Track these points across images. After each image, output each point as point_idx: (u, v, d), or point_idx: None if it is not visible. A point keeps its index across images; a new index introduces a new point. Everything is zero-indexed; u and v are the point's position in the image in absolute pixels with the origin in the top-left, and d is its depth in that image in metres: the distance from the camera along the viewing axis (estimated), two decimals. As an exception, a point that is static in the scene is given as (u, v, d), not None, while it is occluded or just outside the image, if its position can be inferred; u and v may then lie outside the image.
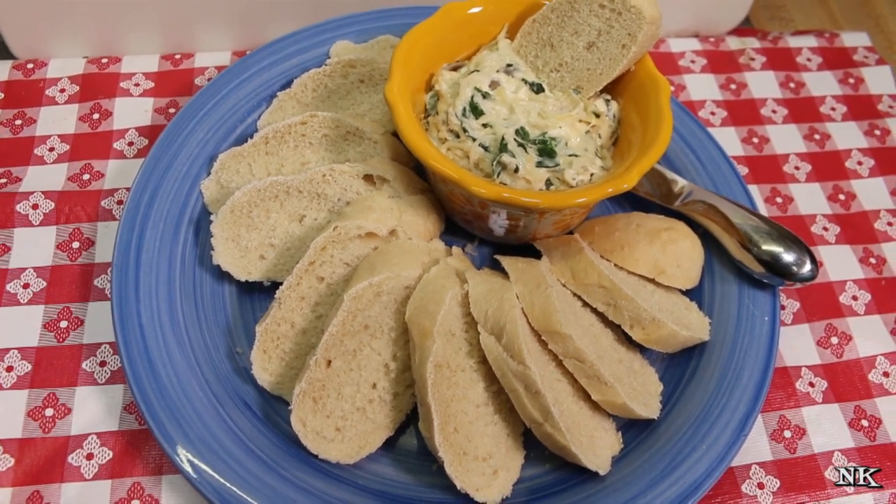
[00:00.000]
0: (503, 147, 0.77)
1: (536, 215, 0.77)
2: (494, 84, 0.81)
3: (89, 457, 0.75)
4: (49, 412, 0.77)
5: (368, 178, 0.83)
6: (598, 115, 0.82)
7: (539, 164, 0.77)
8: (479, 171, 0.79)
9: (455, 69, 0.85)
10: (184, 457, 0.70)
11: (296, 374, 0.76)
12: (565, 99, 0.82)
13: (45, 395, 0.78)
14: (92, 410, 0.78)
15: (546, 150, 0.77)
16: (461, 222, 0.85)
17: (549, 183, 0.77)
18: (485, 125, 0.79)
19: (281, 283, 0.77)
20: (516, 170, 0.76)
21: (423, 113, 0.83)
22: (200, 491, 0.69)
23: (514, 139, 0.77)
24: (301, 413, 0.71)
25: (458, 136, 0.79)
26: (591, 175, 0.78)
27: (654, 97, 0.79)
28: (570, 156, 0.78)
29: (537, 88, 0.82)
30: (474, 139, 0.79)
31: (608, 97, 0.84)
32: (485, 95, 0.80)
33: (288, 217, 0.82)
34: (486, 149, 0.78)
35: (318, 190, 0.81)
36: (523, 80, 0.83)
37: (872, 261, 0.93)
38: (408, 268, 0.75)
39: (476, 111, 0.79)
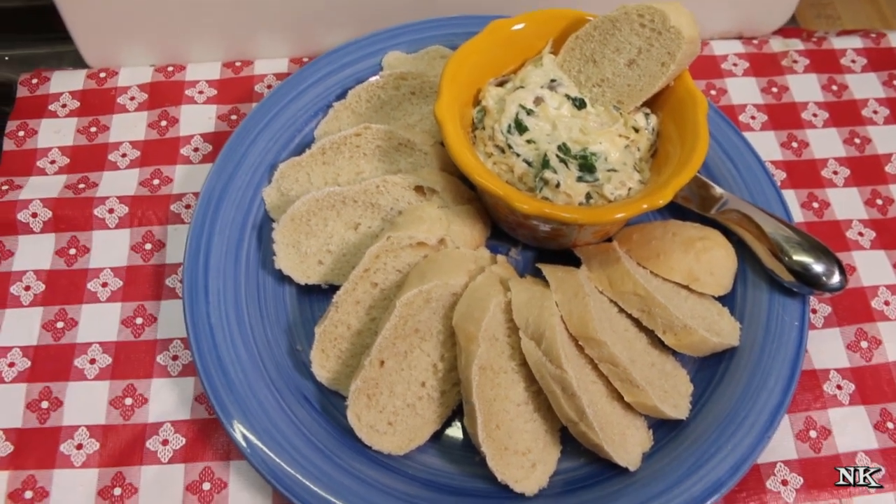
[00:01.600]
0: (545, 163, 0.81)
1: (576, 227, 0.81)
2: (538, 100, 0.85)
3: (164, 442, 0.83)
4: (128, 401, 0.85)
5: (419, 188, 0.88)
6: (637, 130, 0.85)
7: (579, 179, 0.81)
8: (523, 185, 0.83)
9: (501, 84, 0.89)
10: (249, 443, 0.77)
11: (351, 372, 0.82)
12: (606, 114, 0.86)
13: (125, 385, 0.86)
14: (166, 400, 0.85)
15: (586, 166, 0.82)
16: (506, 229, 0.90)
17: (588, 196, 0.82)
18: (529, 141, 0.84)
19: (338, 287, 0.83)
20: (557, 185, 0.80)
21: (470, 126, 0.88)
22: (263, 475, 0.76)
23: (556, 155, 0.82)
24: (356, 408, 0.78)
25: (503, 152, 0.84)
26: (629, 189, 0.82)
27: (692, 113, 0.82)
28: (609, 171, 0.82)
29: (579, 104, 0.86)
30: (518, 155, 0.83)
31: (647, 111, 0.87)
32: (529, 112, 0.84)
33: (344, 225, 0.88)
34: (529, 164, 0.83)
35: (372, 200, 0.87)
36: (566, 95, 0.86)
37: (907, 266, 0.96)
38: (455, 276, 0.81)
39: (521, 127, 0.84)
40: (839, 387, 0.88)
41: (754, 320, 0.86)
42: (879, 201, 1.01)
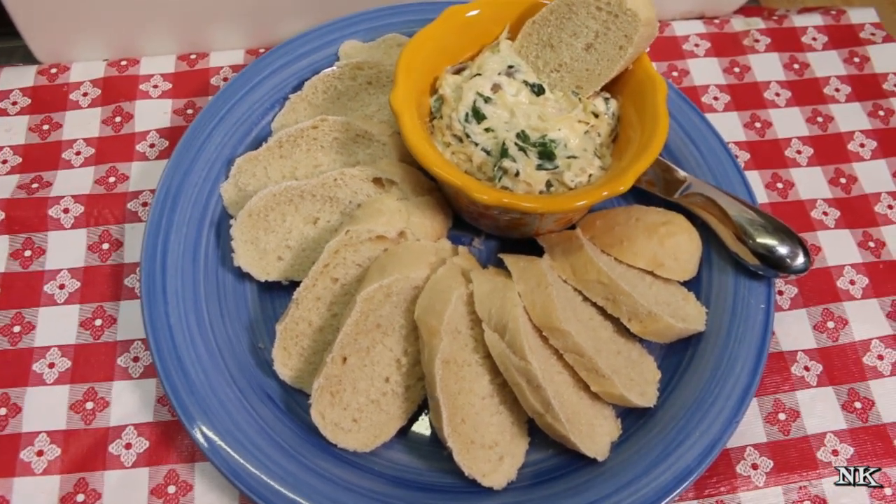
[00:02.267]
0: (504, 151, 0.80)
1: (538, 215, 0.80)
2: (496, 87, 0.84)
3: (128, 446, 0.82)
4: (89, 405, 0.83)
5: (378, 180, 0.86)
6: (596, 115, 0.84)
7: (539, 167, 0.80)
8: (482, 175, 0.82)
9: (459, 71, 0.88)
10: (211, 445, 0.76)
11: (314, 369, 0.81)
12: (564, 100, 0.85)
13: (85, 389, 0.84)
14: (128, 403, 0.84)
15: (546, 153, 0.81)
16: (468, 219, 0.89)
17: (549, 184, 0.81)
18: (487, 129, 0.82)
19: (298, 283, 0.81)
20: (517, 174, 0.79)
21: (428, 116, 0.87)
22: (227, 477, 0.75)
23: (515, 143, 0.81)
24: (320, 406, 0.77)
25: (461, 141, 0.83)
26: (590, 176, 0.81)
27: (651, 97, 0.81)
28: (568, 157, 0.81)
29: (538, 90, 0.85)
30: (477, 144, 0.82)
31: (607, 95, 0.86)
32: (486, 100, 0.83)
33: (303, 220, 0.86)
34: (488, 153, 0.82)
35: (331, 193, 0.85)
36: (524, 81, 0.85)
37: (871, 244, 0.96)
38: (416, 269, 0.79)
39: (478, 116, 0.82)
40: (807, 368, 0.88)
41: (720, 304, 0.86)
42: (843, 180, 1.01)
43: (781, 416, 0.85)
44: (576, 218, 0.88)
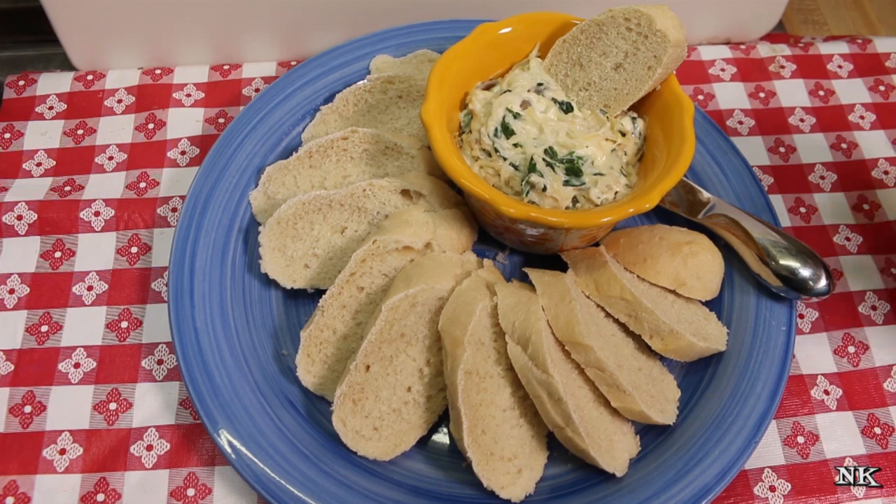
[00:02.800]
0: (532, 167, 0.81)
1: (563, 231, 0.81)
2: (525, 104, 0.85)
3: (149, 448, 0.82)
4: (112, 406, 0.84)
5: (405, 192, 0.88)
6: (623, 134, 0.85)
7: (566, 183, 0.81)
8: (510, 189, 0.83)
9: (489, 87, 0.89)
10: (233, 450, 0.76)
11: (337, 377, 0.82)
12: (592, 118, 0.86)
13: (109, 390, 0.85)
14: (151, 405, 0.85)
15: (573, 170, 0.82)
16: (493, 233, 0.90)
17: (575, 200, 0.82)
18: (515, 145, 0.83)
19: (324, 291, 0.82)
20: (544, 189, 0.80)
21: (457, 130, 0.88)
22: (248, 481, 0.75)
23: (543, 158, 0.82)
24: (342, 414, 0.77)
25: (489, 155, 0.84)
26: (616, 193, 0.82)
27: (678, 117, 0.82)
28: (595, 175, 0.82)
29: (566, 107, 0.86)
30: (505, 158, 0.83)
31: (634, 115, 0.87)
32: (516, 116, 0.84)
33: (330, 229, 0.88)
34: (516, 168, 0.83)
35: (359, 204, 0.87)
36: (553, 99, 0.86)
37: (894, 271, 0.96)
38: (441, 280, 0.80)
39: (507, 131, 0.84)
40: (826, 392, 0.88)
41: (741, 325, 0.86)
42: (866, 206, 1.01)
43: (800, 439, 0.85)
44: (600, 235, 0.88)
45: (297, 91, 0.98)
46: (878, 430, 0.86)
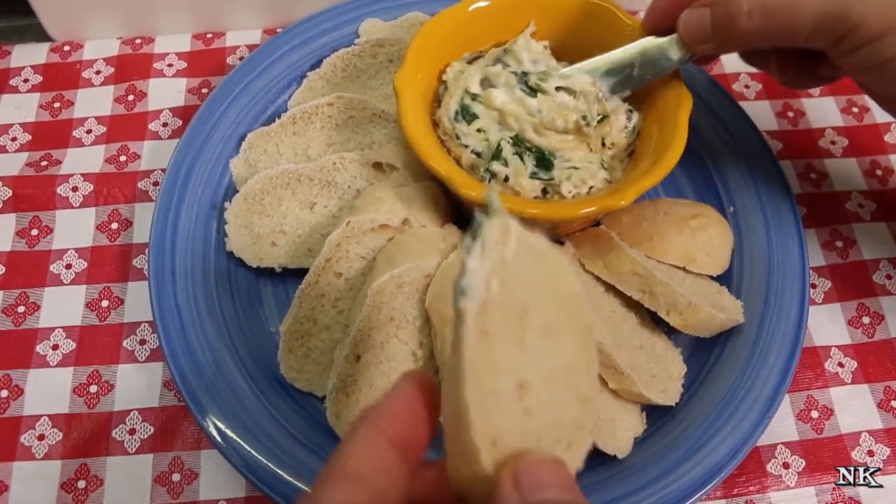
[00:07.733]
0: (497, 153, 0.76)
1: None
2: (486, 82, 0.80)
3: (132, 432, 0.78)
4: (93, 389, 0.81)
5: (378, 165, 0.83)
6: (604, 144, 0.80)
7: (533, 175, 0.76)
8: (476, 174, 0.78)
9: (473, 60, 0.83)
10: (219, 433, 0.73)
11: (323, 370, 0.77)
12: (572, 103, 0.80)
13: (90, 372, 0.81)
14: (133, 387, 0.81)
15: (543, 161, 0.76)
16: (466, 213, 0.84)
17: (545, 191, 0.77)
18: (479, 130, 0.78)
19: (292, 269, 0.78)
20: (506, 179, 0.75)
21: (437, 103, 0.82)
22: (237, 466, 0.71)
23: (510, 144, 0.76)
24: (335, 409, 0.73)
25: (452, 139, 0.79)
26: (591, 188, 0.77)
27: (674, 111, 0.77)
28: (570, 168, 0.77)
29: (531, 92, 0.79)
30: (466, 146, 0.77)
31: (631, 108, 0.82)
32: (474, 97, 0.79)
33: (299, 204, 0.83)
34: (478, 155, 0.77)
35: (329, 178, 0.82)
36: (519, 77, 0.80)
37: (909, 238, 0.92)
38: (426, 256, 0.75)
39: (468, 115, 0.78)
40: (841, 364, 0.84)
41: (752, 297, 0.82)
42: (879, 171, 0.97)
43: (814, 414, 0.81)
44: (574, 228, 0.83)
45: (283, 57, 0.93)
46: (895, 404, 0.82)
